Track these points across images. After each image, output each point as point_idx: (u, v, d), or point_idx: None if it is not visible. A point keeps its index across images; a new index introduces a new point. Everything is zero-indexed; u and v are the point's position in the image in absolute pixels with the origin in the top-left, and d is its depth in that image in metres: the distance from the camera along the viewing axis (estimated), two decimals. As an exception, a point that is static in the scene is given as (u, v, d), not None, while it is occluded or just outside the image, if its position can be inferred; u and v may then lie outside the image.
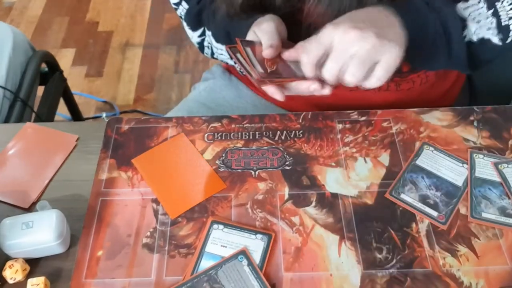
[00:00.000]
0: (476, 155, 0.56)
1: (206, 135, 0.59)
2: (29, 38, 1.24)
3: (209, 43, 0.67)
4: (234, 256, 0.48)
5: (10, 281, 0.47)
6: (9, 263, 0.47)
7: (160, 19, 1.91)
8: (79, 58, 1.77)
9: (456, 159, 0.55)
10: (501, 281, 0.47)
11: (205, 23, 0.66)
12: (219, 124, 0.60)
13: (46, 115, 1.08)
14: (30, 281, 0.46)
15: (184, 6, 0.67)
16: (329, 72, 0.49)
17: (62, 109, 1.32)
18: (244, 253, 0.48)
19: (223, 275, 0.46)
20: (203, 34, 0.66)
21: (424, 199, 0.52)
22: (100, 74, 1.72)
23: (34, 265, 0.48)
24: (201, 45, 0.68)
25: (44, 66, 1.13)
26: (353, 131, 0.59)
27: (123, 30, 1.88)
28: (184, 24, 0.68)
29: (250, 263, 0.47)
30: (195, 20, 0.66)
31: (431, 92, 0.70)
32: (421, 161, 0.55)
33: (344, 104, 0.64)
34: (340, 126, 0.60)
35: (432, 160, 0.55)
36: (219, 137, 0.59)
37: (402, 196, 0.52)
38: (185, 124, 0.60)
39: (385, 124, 0.60)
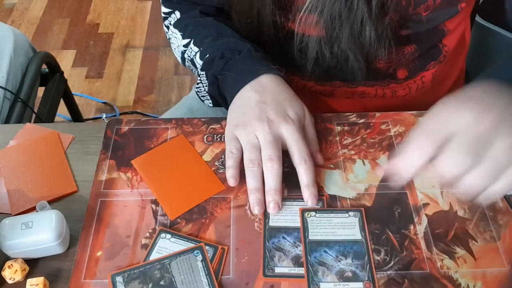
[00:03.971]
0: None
1: (205, 136, 0.60)
2: (30, 39, 1.25)
3: (189, 56, 0.64)
4: (191, 250, 0.48)
5: (9, 281, 0.47)
6: (8, 263, 0.47)
7: (160, 21, 1.91)
8: (79, 60, 1.78)
9: None
10: (498, 283, 0.47)
11: (194, 37, 0.64)
12: (219, 125, 0.61)
13: (46, 116, 1.09)
14: (29, 281, 0.46)
15: (177, 15, 0.67)
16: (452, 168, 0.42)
17: (62, 110, 1.32)
18: (201, 248, 0.48)
19: (176, 266, 0.47)
20: (187, 45, 0.65)
21: (341, 274, 0.47)
22: (100, 76, 1.72)
23: (33, 265, 0.49)
24: (183, 55, 0.66)
25: (44, 67, 1.14)
26: (352, 133, 0.59)
27: (123, 32, 1.88)
28: (173, 30, 0.67)
29: (204, 259, 0.48)
30: (186, 29, 0.65)
31: (428, 98, 0.69)
32: None
33: (340, 111, 0.64)
34: (338, 128, 0.60)
35: None
36: (219, 139, 0.59)
37: (321, 284, 0.46)
38: (184, 125, 0.61)
39: (383, 127, 0.60)
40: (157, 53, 1.79)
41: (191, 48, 0.63)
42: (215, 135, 0.60)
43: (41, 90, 1.13)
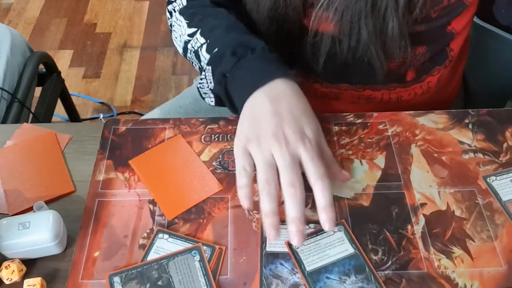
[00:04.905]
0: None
1: (203, 136, 0.60)
2: (27, 39, 1.24)
3: (193, 47, 0.60)
4: (188, 250, 0.48)
5: (6, 282, 0.47)
6: (5, 263, 0.47)
7: (158, 21, 1.91)
8: (76, 60, 1.77)
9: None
10: (495, 283, 0.47)
11: (202, 27, 0.60)
12: (216, 125, 0.61)
13: (43, 116, 1.09)
14: (27, 281, 0.46)
15: (183, 1, 0.63)
16: None
17: (59, 110, 1.32)
18: (198, 248, 0.48)
19: (174, 266, 0.47)
20: (193, 35, 0.60)
21: None
22: (97, 76, 1.72)
23: (30, 265, 0.48)
24: (186, 45, 0.61)
25: (41, 67, 1.13)
26: (349, 133, 0.60)
27: (121, 31, 1.88)
28: (178, 17, 0.62)
29: (202, 259, 0.48)
30: (194, 17, 0.61)
31: (430, 102, 0.70)
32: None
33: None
34: (336, 128, 0.60)
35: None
36: (216, 139, 0.59)
37: None
38: (182, 125, 0.61)
39: (381, 127, 0.60)
40: (155, 53, 1.79)
41: (196, 38, 0.58)
42: (212, 135, 0.60)
43: (38, 90, 1.13)
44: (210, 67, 0.56)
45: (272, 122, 0.49)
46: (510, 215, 0.52)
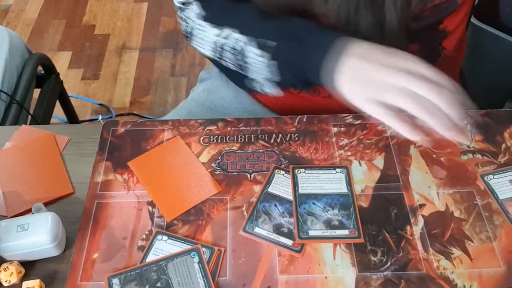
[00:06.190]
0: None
1: (202, 138, 0.60)
2: (25, 41, 1.24)
3: (233, 47, 0.59)
4: (187, 252, 0.48)
5: (5, 284, 0.47)
6: (4, 265, 0.47)
7: (157, 22, 1.91)
8: (75, 61, 1.77)
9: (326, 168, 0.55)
10: (494, 283, 0.47)
11: (234, 26, 0.59)
12: (215, 127, 0.61)
13: (42, 118, 1.08)
14: (25, 283, 0.46)
15: (197, 6, 0.61)
16: None
17: (58, 112, 1.32)
18: (197, 250, 0.49)
19: (173, 268, 0.47)
20: (228, 36, 0.59)
21: (328, 223, 0.51)
22: (96, 77, 1.72)
23: (29, 267, 0.48)
24: (216, 46, 0.61)
25: (40, 69, 1.13)
26: (348, 134, 0.60)
27: (119, 33, 1.88)
28: (201, 24, 0.61)
29: (201, 261, 0.48)
30: (220, 19, 0.60)
31: None
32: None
33: (339, 111, 0.64)
34: (335, 129, 0.60)
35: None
36: (215, 140, 0.59)
37: (310, 232, 0.50)
38: (181, 127, 0.61)
39: (379, 128, 0.60)
40: (153, 54, 1.79)
41: (235, 38, 0.58)
42: (211, 137, 0.60)
43: (36, 92, 1.12)
44: (275, 62, 0.55)
45: (375, 66, 0.48)
46: (507, 213, 0.52)
